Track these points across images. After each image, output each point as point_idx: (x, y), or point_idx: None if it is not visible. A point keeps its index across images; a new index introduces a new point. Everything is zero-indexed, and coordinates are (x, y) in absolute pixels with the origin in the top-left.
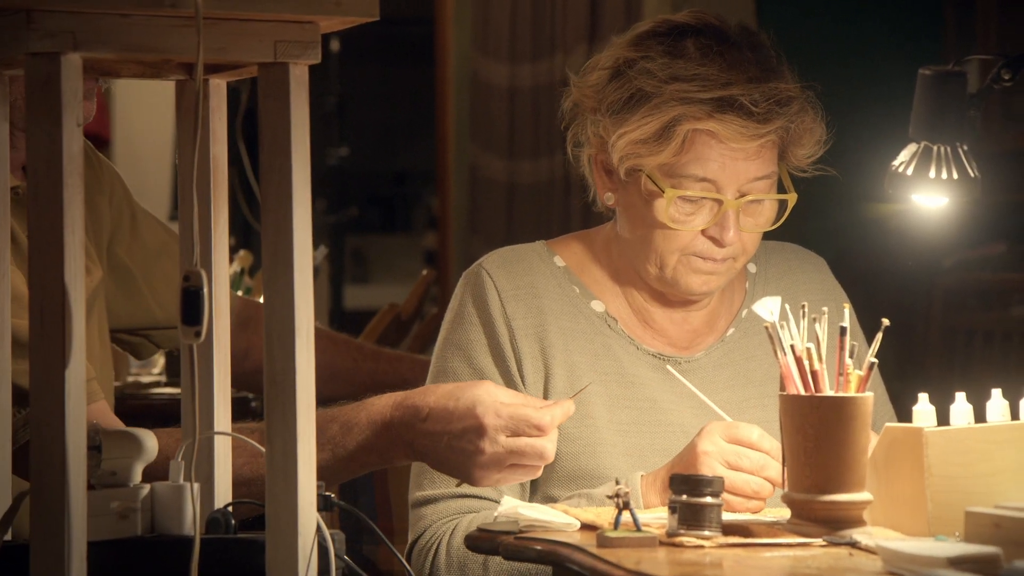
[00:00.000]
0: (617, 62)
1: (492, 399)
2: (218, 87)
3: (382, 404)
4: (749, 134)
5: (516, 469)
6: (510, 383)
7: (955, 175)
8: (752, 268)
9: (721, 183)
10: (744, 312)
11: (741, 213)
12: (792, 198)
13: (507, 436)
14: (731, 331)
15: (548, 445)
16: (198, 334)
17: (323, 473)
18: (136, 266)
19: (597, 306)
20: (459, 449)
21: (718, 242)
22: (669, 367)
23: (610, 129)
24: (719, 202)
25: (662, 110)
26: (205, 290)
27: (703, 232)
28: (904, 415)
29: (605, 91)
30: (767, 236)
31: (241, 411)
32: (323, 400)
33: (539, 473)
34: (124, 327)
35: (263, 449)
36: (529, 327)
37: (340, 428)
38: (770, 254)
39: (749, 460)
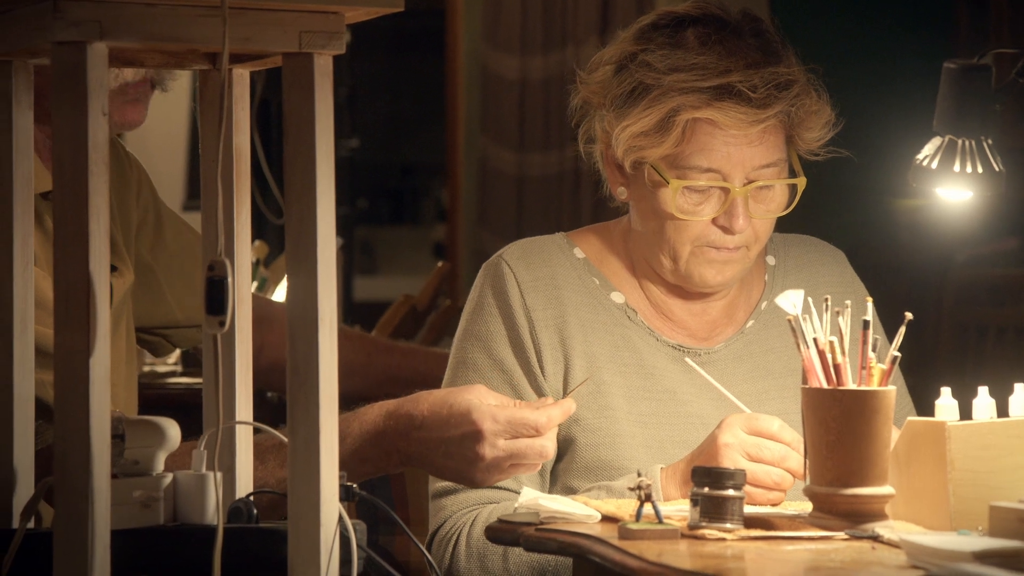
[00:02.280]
0: (620, 57)
1: (485, 404)
2: (241, 77)
3: (374, 414)
4: (749, 120)
5: (517, 468)
6: (529, 374)
7: (980, 169)
8: (771, 260)
9: (727, 171)
10: (763, 304)
11: (751, 200)
12: (801, 182)
13: (506, 440)
14: (750, 323)
15: (548, 444)
16: (222, 324)
17: None
18: (158, 265)
19: (617, 297)
20: (458, 455)
21: (728, 230)
22: (688, 360)
23: (613, 123)
24: (726, 190)
25: (662, 101)
26: (230, 280)
27: (713, 221)
28: (918, 410)
29: (609, 86)
30: (785, 228)
31: (256, 403)
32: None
33: (539, 468)
34: (143, 326)
35: (285, 439)
36: (549, 318)
37: None
38: (789, 246)
39: (770, 451)
